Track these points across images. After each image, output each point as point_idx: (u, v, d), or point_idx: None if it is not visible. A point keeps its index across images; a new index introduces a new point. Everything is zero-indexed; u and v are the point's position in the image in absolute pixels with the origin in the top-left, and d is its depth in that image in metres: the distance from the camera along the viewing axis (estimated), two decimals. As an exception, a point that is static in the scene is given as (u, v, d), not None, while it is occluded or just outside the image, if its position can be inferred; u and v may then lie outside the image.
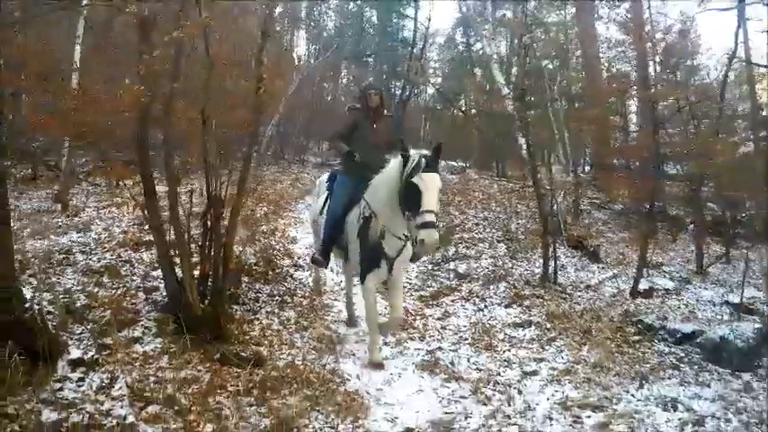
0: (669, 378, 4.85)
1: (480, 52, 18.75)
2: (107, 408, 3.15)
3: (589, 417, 3.82)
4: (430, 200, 4.17)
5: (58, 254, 5.10)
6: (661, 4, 15.26)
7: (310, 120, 18.40)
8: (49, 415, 2.96)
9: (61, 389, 3.22)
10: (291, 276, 6.55)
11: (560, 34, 18.99)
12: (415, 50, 18.58)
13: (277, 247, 7.53)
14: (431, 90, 21.39)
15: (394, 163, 4.44)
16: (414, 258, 5.17)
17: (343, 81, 24.95)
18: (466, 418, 3.70)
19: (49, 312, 3.83)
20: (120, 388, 3.37)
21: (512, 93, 13.69)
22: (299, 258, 7.33)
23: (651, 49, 14.11)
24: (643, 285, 7.63)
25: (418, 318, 5.90)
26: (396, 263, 4.70)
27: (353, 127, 5.29)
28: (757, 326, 6.07)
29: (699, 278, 8.47)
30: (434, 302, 6.58)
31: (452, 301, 6.61)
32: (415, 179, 4.21)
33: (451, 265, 7.90)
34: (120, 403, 3.22)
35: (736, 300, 7.21)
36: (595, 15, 17.07)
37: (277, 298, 5.69)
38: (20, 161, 9.76)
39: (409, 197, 4.24)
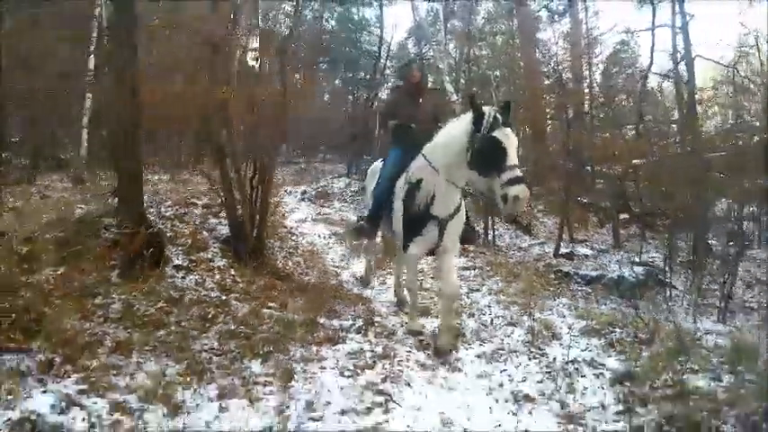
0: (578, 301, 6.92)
1: (431, 60, 20.48)
2: (204, 293, 4.94)
3: (515, 306, 5.81)
4: (514, 154, 3.98)
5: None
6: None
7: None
8: (171, 293, 4.74)
9: (173, 282, 5.00)
10: (290, 238, 8.36)
11: (506, 44, 20.96)
12: (378, 64, 20.02)
13: (272, 219, 9.34)
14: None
15: (463, 118, 4.26)
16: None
17: (298, 86, 26.13)
18: (434, 305, 5.65)
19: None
20: (209, 284, 5.18)
21: (459, 99, 15.47)
22: (291, 228, 9.17)
23: (586, 60, 16.62)
24: (566, 251, 9.79)
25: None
26: (448, 226, 4.55)
27: (398, 104, 5.42)
28: (646, 268, 8.34)
29: (615, 250, 10.65)
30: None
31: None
32: (496, 133, 3.98)
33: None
34: (212, 292, 5.02)
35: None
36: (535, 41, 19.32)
37: (285, 249, 7.52)
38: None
39: (490, 153, 3.98)
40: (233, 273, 5.53)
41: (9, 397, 2.83)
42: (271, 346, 3.93)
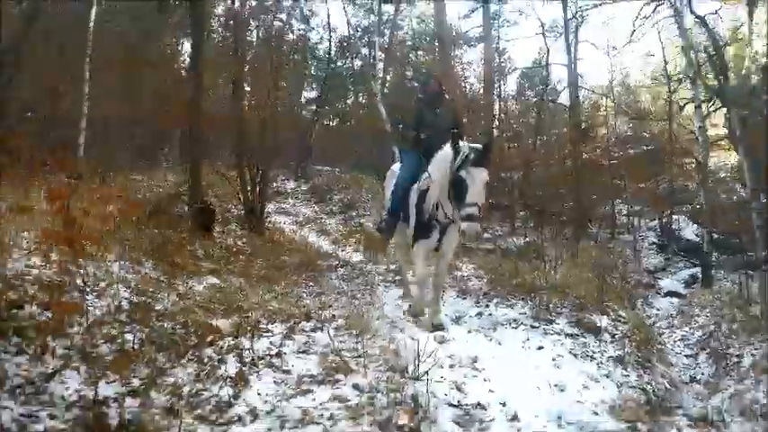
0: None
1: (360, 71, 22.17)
2: (241, 248, 7.94)
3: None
4: (474, 194, 4.46)
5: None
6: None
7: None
8: (223, 246, 7.70)
9: (221, 241, 7.95)
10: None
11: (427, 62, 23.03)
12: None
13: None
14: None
15: (447, 151, 4.78)
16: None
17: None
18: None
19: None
20: (240, 243, 8.18)
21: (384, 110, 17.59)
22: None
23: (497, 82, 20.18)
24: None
25: (351, 238, 10.98)
26: (448, 230, 5.03)
27: (421, 116, 5.85)
28: (526, 242, 11.95)
29: (510, 236, 14.23)
30: (350, 237, 11.73)
31: (357, 233, 11.84)
32: (462, 173, 4.52)
33: (357, 219, 13.37)
34: (245, 247, 8.03)
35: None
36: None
37: (269, 230, 10.53)
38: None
39: (457, 189, 4.56)
40: (251, 238, 8.56)
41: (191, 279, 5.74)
42: (297, 271, 7.01)
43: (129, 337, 3.47)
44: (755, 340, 6.21)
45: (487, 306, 5.70)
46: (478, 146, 4.68)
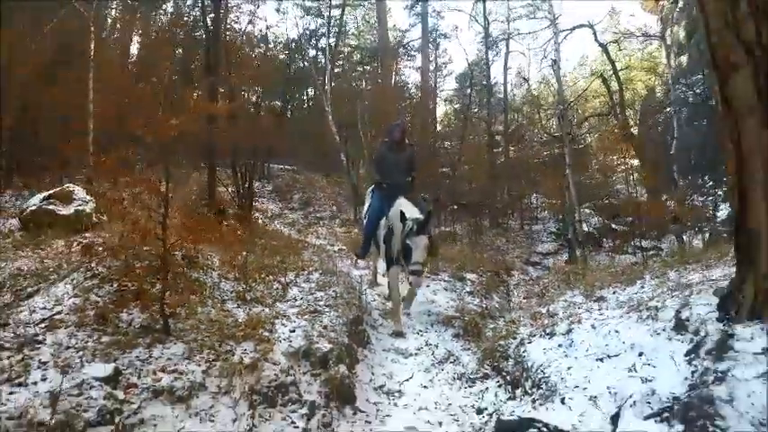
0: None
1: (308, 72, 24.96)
2: (240, 234, 12.19)
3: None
4: (417, 256, 6.49)
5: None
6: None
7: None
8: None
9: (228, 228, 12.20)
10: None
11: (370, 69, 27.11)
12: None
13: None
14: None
15: (399, 221, 6.68)
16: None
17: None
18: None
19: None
20: (239, 233, 12.44)
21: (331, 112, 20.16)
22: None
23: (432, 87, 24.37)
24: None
25: (310, 229, 15.37)
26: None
27: (384, 157, 7.51)
28: (444, 230, 16.53)
29: (437, 227, 18.80)
30: (310, 228, 16.12)
31: (316, 225, 16.25)
32: (408, 241, 6.50)
33: (314, 214, 17.64)
34: (244, 234, 12.28)
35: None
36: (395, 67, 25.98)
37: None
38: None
39: (405, 252, 6.59)
40: (245, 228, 12.77)
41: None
42: (291, 249, 11.26)
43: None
44: (564, 288, 10.65)
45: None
46: (420, 218, 6.71)
